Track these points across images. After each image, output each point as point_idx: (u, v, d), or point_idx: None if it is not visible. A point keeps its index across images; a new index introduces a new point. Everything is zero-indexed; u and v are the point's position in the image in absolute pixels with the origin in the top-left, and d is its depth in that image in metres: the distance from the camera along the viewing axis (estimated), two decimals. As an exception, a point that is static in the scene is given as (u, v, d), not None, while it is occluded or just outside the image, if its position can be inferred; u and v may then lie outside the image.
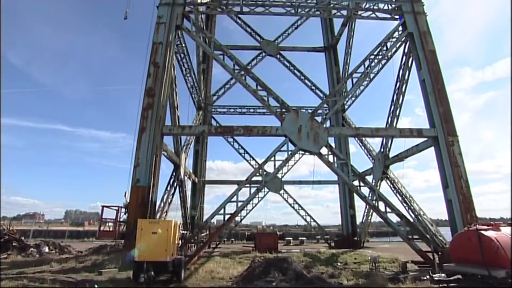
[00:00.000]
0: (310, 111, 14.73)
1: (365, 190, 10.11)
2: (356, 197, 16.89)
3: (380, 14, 11.53)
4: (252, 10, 10.82)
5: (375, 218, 14.76)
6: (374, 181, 13.91)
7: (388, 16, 11.56)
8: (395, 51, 11.69)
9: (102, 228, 9.11)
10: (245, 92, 10.25)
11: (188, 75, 14.87)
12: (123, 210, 9.09)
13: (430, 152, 10.55)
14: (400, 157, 12.40)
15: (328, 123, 14.43)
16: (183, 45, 12.69)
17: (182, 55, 13.28)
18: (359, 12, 11.55)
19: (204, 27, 17.96)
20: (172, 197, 13.00)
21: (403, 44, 11.64)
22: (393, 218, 9.63)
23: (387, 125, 12.39)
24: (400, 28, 11.52)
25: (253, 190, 9.55)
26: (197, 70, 17.17)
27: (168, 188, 12.83)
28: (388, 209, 9.66)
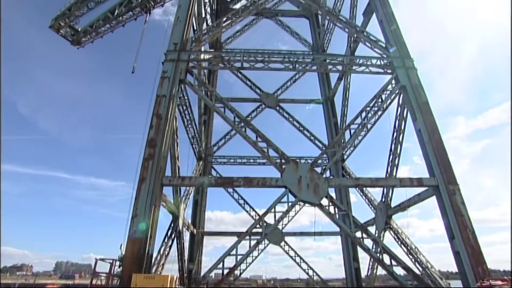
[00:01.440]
0: (309, 161, 14.86)
1: (368, 242, 9.83)
2: (360, 248, 16.34)
3: (373, 69, 12.12)
4: (252, 65, 11.41)
5: (381, 271, 14.13)
6: (377, 232, 13.57)
7: (381, 70, 12.14)
8: (390, 103, 12.08)
9: (94, 281, 8.68)
10: (245, 143, 10.43)
11: (189, 126, 15.23)
12: (117, 263, 8.73)
13: (433, 200, 10.45)
14: (403, 207, 12.24)
15: (328, 174, 14.47)
16: (186, 97, 13.17)
17: (184, 107, 13.72)
18: (354, 67, 12.16)
19: (206, 81, 18.79)
20: (170, 249, 12.57)
21: (397, 96, 12.08)
22: (400, 271, 9.24)
23: (387, 175, 12.42)
24: (393, 81, 12.01)
25: (253, 242, 9.27)
26: (199, 121, 17.62)
27: (166, 240, 12.46)
28: (393, 262, 9.28)
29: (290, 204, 9.68)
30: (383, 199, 13.42)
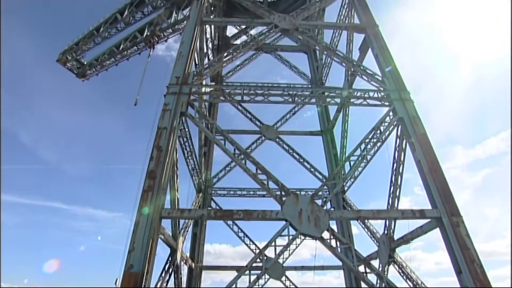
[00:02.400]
0: (310, 193, 14.73)
1: (372, 277, 9.52)
2: (363, 283, 15.77)
3: (371, 101, 12.35)
4: (252, 99, 11.65)
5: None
6: (381, 266, 13.17)
7: (379, 103, 12.35)
8: (389, 134, 12.18)
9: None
10: (245, 175, 10.40)
11: (189, 157, 15.28)
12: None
13: (437, 231, 10.22)
14: (406, 240, 11.96)
15: (328, 206, 14.33)
16: (186, 129, 13.32)
17: (184, 139, 13.84)
18: (352, 100, 12.40)
19: (207, 113, 19.09)
20: (167, 284, 12.15)
21: (396, 128, 12.19)
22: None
23: (388, 207, 12.26)
24: (391, 113, 12.16)
25: (253, 277, 8.99)
26: (199, 153, 17.70)
27: (163, 274, 12.07)
28: (399, 299, 8.94)
29: (290, 237, 9.49)
30: (386, 232, 13.16)
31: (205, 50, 17.19)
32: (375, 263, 13.51)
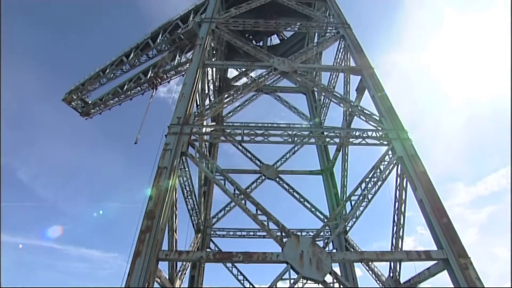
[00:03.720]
0: (311, 234, 14.45)
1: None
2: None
3: (369, 141, 12.47)
4: (252, 139, 11.79)
5: None
6: (387, 312, 12.51)
7: (377, 142, 12.46)
8: (389, 173, 12.17)
9: None
10: (245, 215, 10.24)
11: (189, 197, 15.13)
12: None
13: (445, 273, 9.80)
14: (413, 283, 11.46)
15: (330, 247, 13.93)
16: (186, 169, 13.33)
17: (184, 178, 13.80)
18: (351, 140, 12.54)
19: (207, 153, 19.22)
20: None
21: (395, 167, 12.20)
22: None
23: (392, 248, 11.91)
24: (390, 152, 12.23)
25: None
26: (198, 193, 17.55)
27: (158, 322, 11.43)
28: None
29: (292, 281, 9.12)
30: (391, 274, 12.66)
31: (206, 91, 17.69)
32: (382, 309, 12.89)
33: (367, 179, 11.69)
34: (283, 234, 10.00)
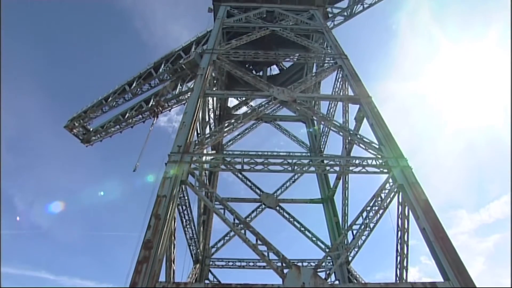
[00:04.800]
0: (312, 264, 14.08)
1: None
2: None
3: (369, 169, 12.44)
4: (252, 168, 11.80)
5: None
6: None
7: (377, 170, 12.44)
8: (390, 201, 12.04)
9: None
10: (245, 245, 10.04)
11: (188, 226, 14.91)
12: None
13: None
14: (420, 318, 11.04)
15: (333, 278, 13.54)
16: (186, 198, 13.24)
17: (184, 207, 13.67)
18: (351, 168, 12.54)
19: (207, 182, 19.13)
20: None
21: (396, 195, 12.08)
22: None
23: (397, 279, 11.57)
24: (390, 180, 12.16)
25: None
26: (197, 222, 17.29)
27: None
28: None
29: (294, 315, 8.80)
30: (397, 308, 12.20)
31: (207, 120, 17.90)
32: None
33: (368, 208, 11.57)
34: (284, 265, 9.76)
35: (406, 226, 12.39)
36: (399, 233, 12.51)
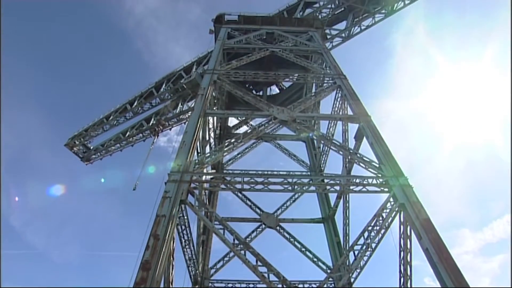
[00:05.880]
0: (314, 286, 13.77)
1: None
2: None
3: (370, 188, 12.38)
4: (252, 187, 11.75)
5: None
6: None
7: (378, 189, 12.38)
8: (392, 220, 11.90)
9: None
10: (245, 266, 9.87)
11: (187, 247, 14.67)
12: None
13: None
14: None
15: (335, 300, 13.15)
16: (185, 217, 13.09)
17: (183, 227, 13.49)
18: (351, 187, 12.48)
19: (207, 201, 18.98)
20: None
21: (398, 214, 11.95)
22: None
23: (401, 302, 11.30)
24: (391, 199, 12.07)
25: None
26: (197, 242, 17.04)
27: None
28: None
29: None
30: (401, 331, 11.85)
31: (207, 139, 17.96)
32: None
33: (370, 228, 11.43)
34: (285, 286, 9.58)
35: (408, 246, 12.18)
36: (402, 253, 12.29)
